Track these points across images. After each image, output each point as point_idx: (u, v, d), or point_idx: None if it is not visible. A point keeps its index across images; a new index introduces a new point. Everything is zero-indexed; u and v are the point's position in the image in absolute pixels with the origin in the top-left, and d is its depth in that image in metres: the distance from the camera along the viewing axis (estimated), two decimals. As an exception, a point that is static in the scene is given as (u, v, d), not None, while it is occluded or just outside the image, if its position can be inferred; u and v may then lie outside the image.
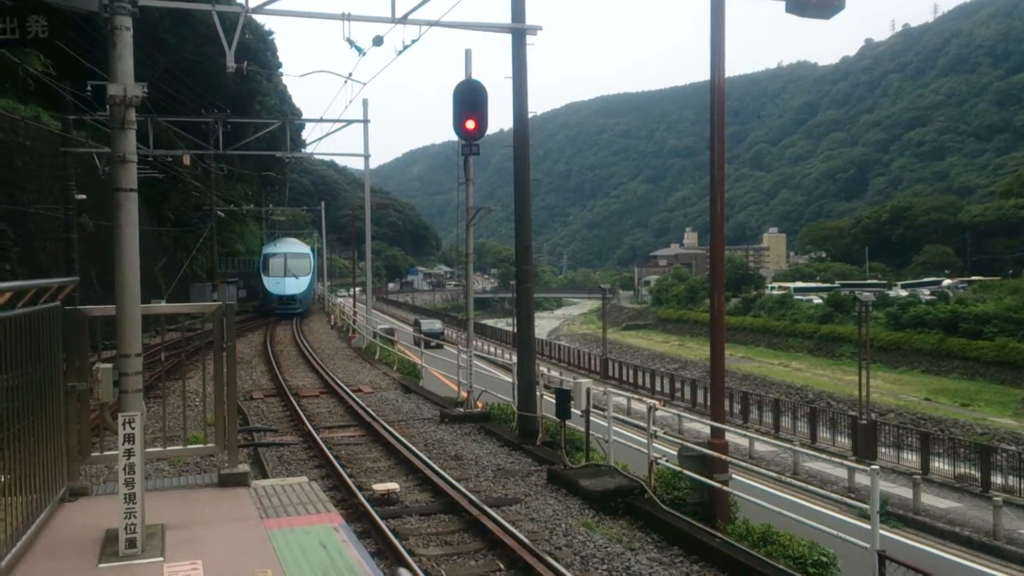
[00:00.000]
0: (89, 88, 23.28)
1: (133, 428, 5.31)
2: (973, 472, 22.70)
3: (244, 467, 7.22)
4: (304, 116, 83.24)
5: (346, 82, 22.15)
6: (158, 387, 15.80)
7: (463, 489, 10.16)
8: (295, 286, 47.16)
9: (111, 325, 6.04)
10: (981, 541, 17.63)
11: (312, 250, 55.04)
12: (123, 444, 5.29)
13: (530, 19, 14.14)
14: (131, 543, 5.25)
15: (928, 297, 71.73)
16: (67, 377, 6.29)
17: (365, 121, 31.32)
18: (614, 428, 11.29)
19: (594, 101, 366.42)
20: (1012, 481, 21.95)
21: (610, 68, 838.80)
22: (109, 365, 6.03)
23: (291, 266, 47.76)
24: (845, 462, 18.40)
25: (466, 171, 15.97)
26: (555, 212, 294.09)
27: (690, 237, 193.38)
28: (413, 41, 14.45)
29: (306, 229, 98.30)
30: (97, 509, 6.18)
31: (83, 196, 25.81)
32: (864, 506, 7.38)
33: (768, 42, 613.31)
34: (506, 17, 14.25)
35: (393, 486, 10.32)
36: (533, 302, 14.98)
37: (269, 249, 50.75)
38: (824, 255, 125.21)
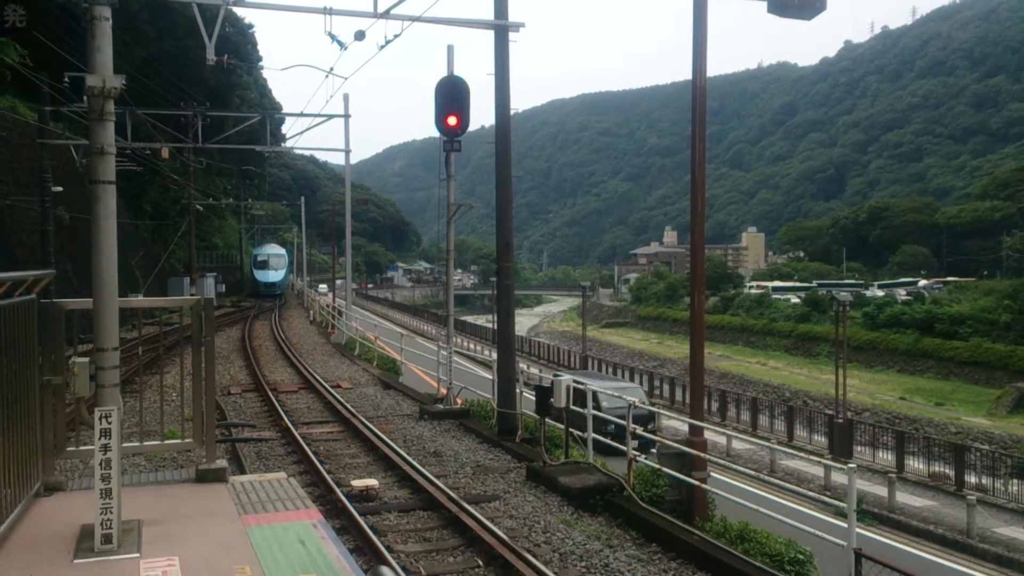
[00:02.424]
0: (66, 79, 22.99)
1: (110, 423, 5.25)
2: (947, 471, 22.95)
3: (222, 463, 7.17)
4: (284, 110, 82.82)
5: (327, 77, 21.98)
6: (135, 382, 15.69)
7: (442, 486, 10.15)
8: (275, 276, 64.66)
9: (88, 319, 5.97)
10: (955, 539, 17.83)
11: (288, 251, 74.86)
12: (99, 439, 5.23)
13: (513, 16, 14.13)
14: (107, 539, 5.19)
15: (904, 297, 72.47)
16: (43, 371, 6.22)
17: (346, 116, 31.14)
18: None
19: (576, 99, 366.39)
20: (985, 480, 22.23)
21: (592, 66, 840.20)
22: (85, 359, 5.96)
23: (272, 263, 65.16)
24: (822, 460, 18.55)
25: (448, 167, 15.95)
26: (536, 209, 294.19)
27: (670, 236, 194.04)
28: (395, 36, 14.39)
29: (285, 224, 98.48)
30: (72, 504, 6.11)
31: (59, 188, 25.49)
32: (840, 504, 7.44)
33: (749, 43, 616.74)
34: (489, 14, 14.24)
35: (372, 482, 10.29)
36: (513, 299, 14.98)
37: (257, 251, 68.65)
38: (802, 255, 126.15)
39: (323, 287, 75.40)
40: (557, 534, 8.81)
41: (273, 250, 67.89)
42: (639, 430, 11.08)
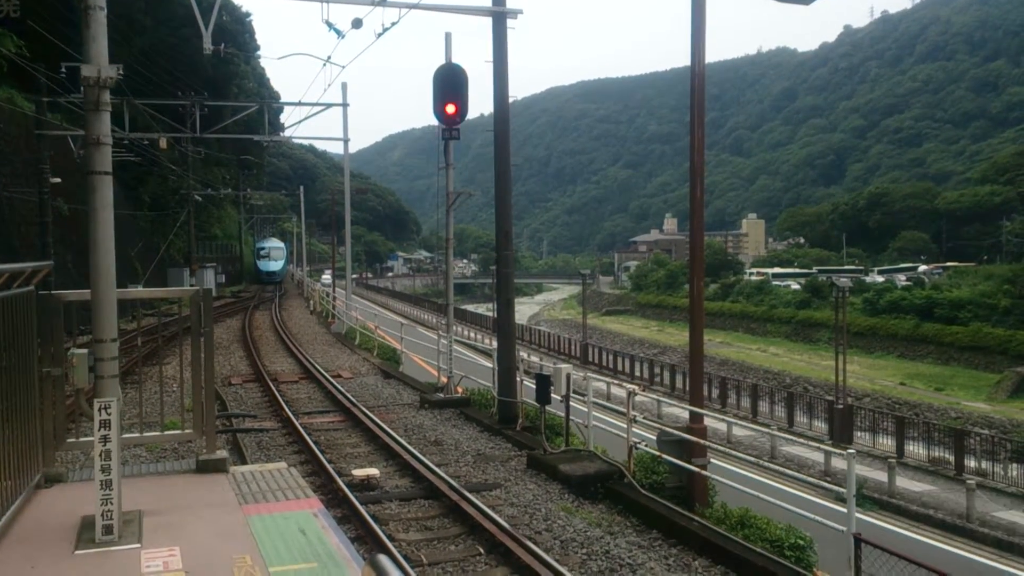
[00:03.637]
0: (63, 70, 22.91)
1: (109, 414, 5.25)
2: (947, 456, 23.00)
3: (222, 453, 7.18)
4: (282, 99, 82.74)
5: (325, 65, 21.95)
6: (135, 373, 15.70)
7: (443, 474, 10.17)
8: (275, 266, 74.43)
9: (86, 310, 5.97)
10: (954, 524, 17.88)
11: (287, 243, 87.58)
12: (99, 430, 5.24)
13: (511, 3, 14.06)
14: (108, 529, 5.21)
15: (904, 283, 72.41)
16: (42, 363, 6.22)
17: (344, 105, 31.05)
18: (594, 413, 11.32)
19: (575, 86, 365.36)
20: (985, 465, 22.28)
21: (591, 54, 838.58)
22: (84, 350, 5.96)
23: (273, 254, 75.13)
24: (822, 446, 18.59)
25: (446, 156, 15.92)
26: (535, 197, 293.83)
27: (670, 223, 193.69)
28: (393, 24, 14.34)
29: (285, 214, 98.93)
30: (73, 495, 6.13)
31: (58, 179, 25.46)
32: (840, 489, 7.46)
33: (748, 28, 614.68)
34: (487, 0, 14.16)
35: (373, 471, 10.31)
36: (513, 287, 14.96)
37: (259, 244, 79.21)
38: (802, 241, 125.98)
39: (327, 277, 75.66)
40: (558, 521, 8.83)
41: (273, 243, 78.97)
42: None
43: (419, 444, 12.42)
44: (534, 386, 11.84)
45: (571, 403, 11.35)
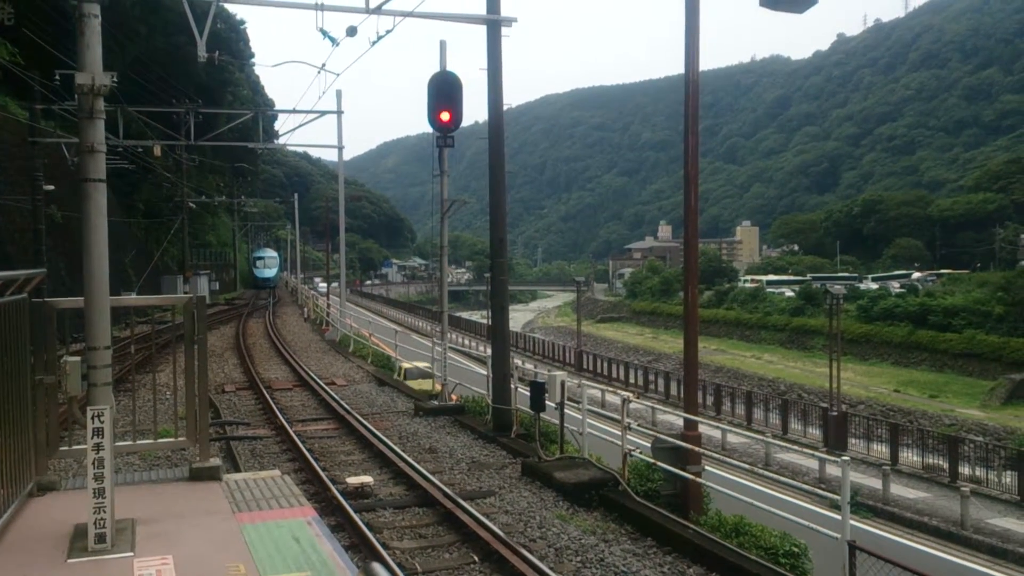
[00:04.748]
0: (57, 77, 22.88)
1: (102, 422, 5.23)
2: (941, 463, 23.04)
3: (216, 461, 7.15)
4: (277, 107, 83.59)
5: (319, 73, 21.94)
6: (128, 380, 15.65)
7: (437, 482, 10.15)
8: (269, 273, 79.79)
9: (80, 317, 5.94)
10: (949, 531, 17.90)
11: (280, 252, 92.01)
12: (92, 438, 5.21)
13: (505, 11, 14.09)
14: (100, 538, 5.18)
15: (898, 290, 72.57)
16: (35, 370, 6.19)
17: (339, 112, 31.06)
18: (588, 420, 11.31)
19: (569, 94, 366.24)
20: (979, 472, 22.32)
21: (585, 61, 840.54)
22: (77, 358, 5.93)
23: (267, 263, 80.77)
24: (816, 453, 18.59)
25: (441, 163, 15.90)
26: (530, 205, 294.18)
27: (664, 230, 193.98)
28: (387, 32, 14.38)
29: (279, 221, 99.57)
30: (66, 504, 6.09)
31: (51, 187, 25.39)
32: (835, 497, 7.46)
33: (742, 36, 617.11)
34: (481, 8, 14.21)
35: (367, 479, 10.28)
36: (508, 295, 14.96)
37: (255, 253, 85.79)
38: (796, 248, 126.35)
39: (322, 285, 75.65)
40: (552, 529, 8.82)
41: (268, 252, 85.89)
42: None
43: (413, 452, 12.39)
44: (529, 393, 11.84)
45: (566, 410, 11.34)
